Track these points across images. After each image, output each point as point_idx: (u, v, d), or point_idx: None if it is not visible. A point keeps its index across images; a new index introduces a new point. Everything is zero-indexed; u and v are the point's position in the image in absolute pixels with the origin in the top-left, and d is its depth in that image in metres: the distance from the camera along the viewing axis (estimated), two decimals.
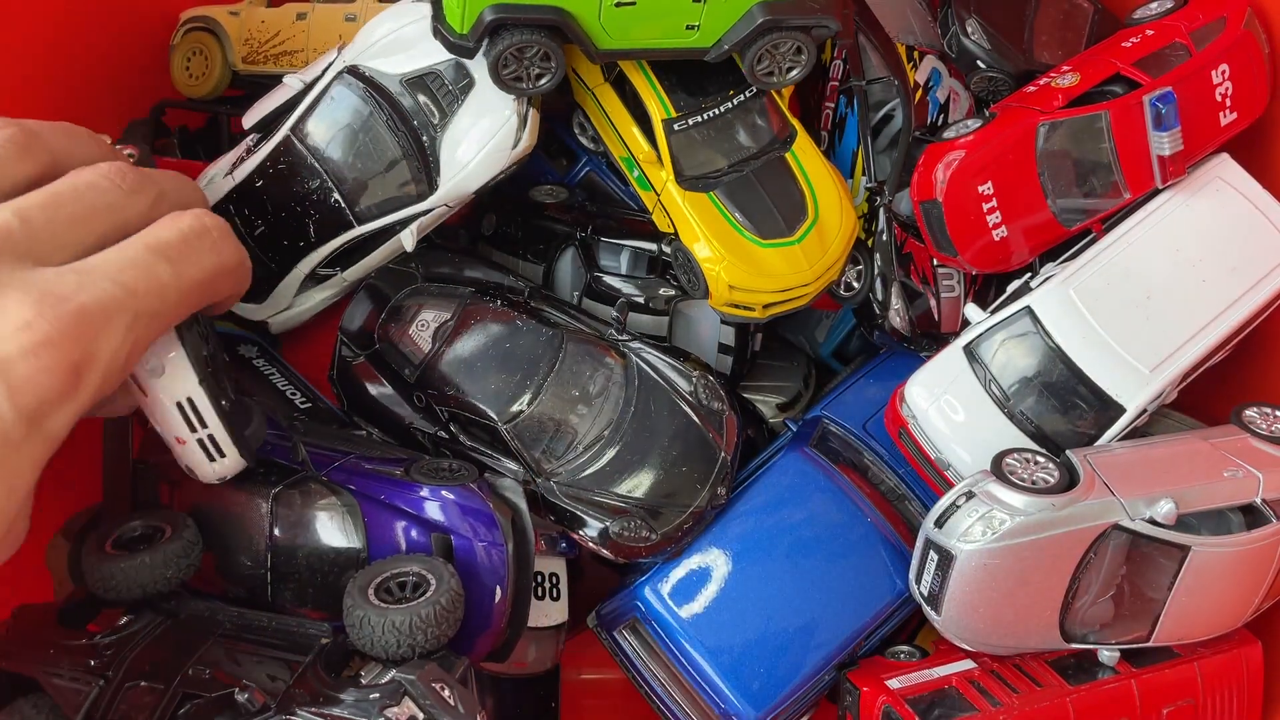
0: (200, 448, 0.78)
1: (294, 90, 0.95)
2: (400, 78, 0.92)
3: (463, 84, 0.92)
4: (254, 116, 0.97)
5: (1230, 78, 0.96)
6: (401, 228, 0.94)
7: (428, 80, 0.92)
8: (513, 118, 0.91)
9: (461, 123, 0.92)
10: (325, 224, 0.95)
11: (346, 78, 0.93)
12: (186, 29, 1.16)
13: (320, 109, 0.94)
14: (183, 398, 0.75)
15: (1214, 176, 0.97)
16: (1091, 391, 0.91)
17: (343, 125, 0.93)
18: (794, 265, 0.94)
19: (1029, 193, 0.95)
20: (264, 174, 0.96)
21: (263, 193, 0.96)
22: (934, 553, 0.86)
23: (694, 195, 0.94)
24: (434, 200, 0.93)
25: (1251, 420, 0.93)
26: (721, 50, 0.90)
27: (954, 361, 0.95)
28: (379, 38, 0.93)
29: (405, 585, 0.78)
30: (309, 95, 0.95)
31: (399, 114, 0.92)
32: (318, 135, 0.94)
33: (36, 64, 1.06)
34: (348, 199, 0.94)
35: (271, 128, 0.96)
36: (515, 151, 0.93)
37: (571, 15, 0.86)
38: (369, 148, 0.93)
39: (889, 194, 1.01)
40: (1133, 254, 0.94)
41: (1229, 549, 0.85)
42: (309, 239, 0.96)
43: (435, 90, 0.92)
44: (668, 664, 0.95)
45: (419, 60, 0.92)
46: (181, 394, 0.75)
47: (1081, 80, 0.96)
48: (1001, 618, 0.85)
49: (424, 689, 0.67)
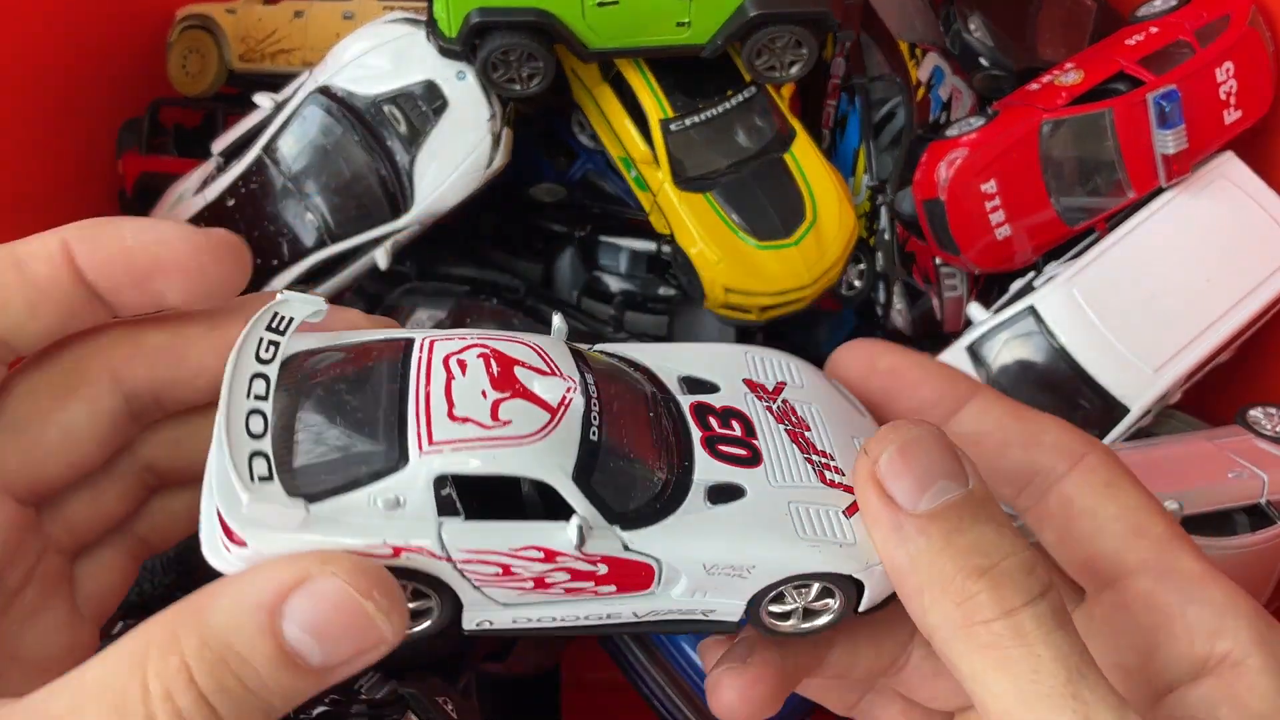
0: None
1: (266, 110, 0.95)
2: (373, 98, 0.92)
3: (436, 104, 0.92)
4: (224, 143, 0.97)
5: (1235, 75, 0.95)
6: (374, 246, 0.94)
7: (400, 100, 0.92)
8: (487, 138, 0.91)
9: (435, 142, 0.92)
10: (298, 243, 0.95)
11: (318, 97, 0.93)
12: (183, 27, 1.15)
13: (292, 128, 0.93)
14: None
15: (1219, 175, 0.97)
16: (1095, 392, 0.91)
17: (315, 145, 0.93)
18: (791, 268, 0.93)
19: (1032, 191, 0.95)
20: (235, 193, 0.96)
21: (235, 212, 0.96)
22: None
23: (691, 196, 0.94)
24: (408, 219, 0.93)
25: (1256, 421, 0.92)
26: (717, 46, 0.89)
27: (957, 362, 0.95)
28: (351, 58, 0.93)
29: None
30: (280, 115, 0.94)
31: (372, 134, 0.92)
32: (290, 155, 0.94)
33: (32, 62, 1.05)
34: (321, 218, 0.94)
35: (243, 147, 0.96)
36: (489, 171, 0.92)
37: (554, 16, 0.85)
38: (341, 167, 0.92)
39: (891, 192, 1.01)
40: (1137, 253, 0.94)
41: (1233, 550, 0.85)
42: (282, 258, 0.95)
43: (408, 110, 0.92)
44: (667, 666, 0.95)
45: (392, 81, 0.92)
46: None
47: (1085, 78, 0.95)
48: None
49: (426, 703, 0.67)
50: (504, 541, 0.38)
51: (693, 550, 0.39)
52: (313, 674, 0.35)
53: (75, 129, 1.12)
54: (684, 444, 0.42)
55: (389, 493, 0.37)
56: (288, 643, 0.34)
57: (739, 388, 0.45)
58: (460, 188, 0.92)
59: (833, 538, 0.40)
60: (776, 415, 0.44)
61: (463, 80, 0.91)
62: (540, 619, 0.41)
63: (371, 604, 0.35)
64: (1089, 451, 0.44)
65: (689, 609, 0.41)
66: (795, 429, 0.43)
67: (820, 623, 0.42)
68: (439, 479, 0.37)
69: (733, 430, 0.43)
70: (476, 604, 0.40)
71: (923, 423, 0.40)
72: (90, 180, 1.14)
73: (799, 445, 0.43)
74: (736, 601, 0.41)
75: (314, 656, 0.35)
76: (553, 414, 0.38)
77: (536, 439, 0.38)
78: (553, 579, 0.39)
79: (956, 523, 0.37)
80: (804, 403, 0.45)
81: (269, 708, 0.35)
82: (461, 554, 0.38)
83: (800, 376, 0.47)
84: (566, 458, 0.38)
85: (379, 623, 0.35)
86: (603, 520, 0.38)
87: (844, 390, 0.47)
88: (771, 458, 0.42)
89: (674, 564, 0.39)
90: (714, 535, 0.39)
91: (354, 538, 0.37)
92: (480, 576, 0.39)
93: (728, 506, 0.40)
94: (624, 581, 0.40)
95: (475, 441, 0.37)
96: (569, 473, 0.38)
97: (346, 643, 0.35)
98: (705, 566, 0.39)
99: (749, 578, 0.40)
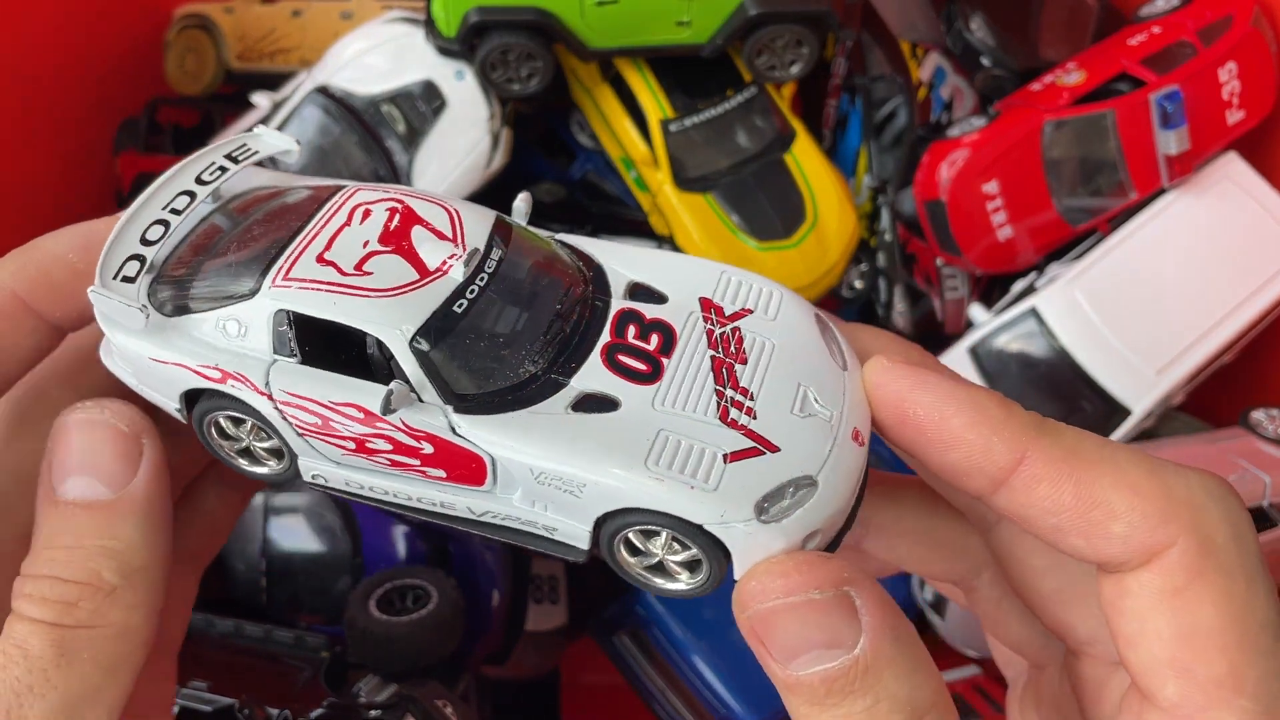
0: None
1: (264, 110, 0.95)
2: (371, 97, 0.92)
3: (435, 104, 0.92)
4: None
5: (1238, 76, 0.94)
6: None
7: (399, 100, 0.92)
8: (486, 137, 0.91)
9: (434, 143, 0.91)
10: None
11: (316, 97, 0.92)
12: (181, 26, 1.15)
13: (290, 128, 0.93)
14: None
15: (1221, 176, 0.96)
16: (1097, 394, 0.90)
17: (313, 145, 0.93)
18: (791, 269, 0.93)
19: (1034, 192, 0.94)
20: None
21: None
22: None
23: (690, 197, 0.93)
24: None
25: (1258, 423, 0.92)
26: (717, 45, 0.89)
27: (959, 363, 0.94)
28: (349, 57, 0.93)
29: (406, 597, 0.77)
30: (278, 114, 0.94)
31: (370, 133, 0.92)
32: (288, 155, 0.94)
33: (31, 61, 1.05)
34: None
35: None
36: (489, 170, 0.92)
37: (553, 15, 0.85)
38: (340, 166, 0.92)
39: (892, 193, 1.00)
40: (1139, 254, 0.93)
41: None
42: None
43: (407, 110, 0.92)
44: (667, 669, 0.94)
45: (390, 80, 0.92)
46: None
47: (1087, 78, 0.95)
48: None
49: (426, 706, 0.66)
50: (326, 392, 0.37)
51: (522, 451, 0.36)
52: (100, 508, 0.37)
53: (73, 128, 1.12)
54: (581, 346, 0.38)
55: (233, 320, 0.38)
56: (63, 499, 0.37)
57: (689, 305, 0.40)
58: (459, 187, 0.92)
59: (687, 477, 0.34)
60: (712, 340, 0.39)
61: (461, 80, 0.91)
62: (371, 489, 0.40)
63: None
64: (1172, 543, 0.33)
65: (530, 521, 0.38)
66: (725, 358, 0.38)
67: (671, 586, 0.37)
68: (279, 314, 0.37)
69: (646, 344, 0.39)
70: (306, 453, 0.39)
71: (826, 565, 0.33)
72: (88, 179, 1.14)
73: (717, 375, 0.38)
74: (579, 525, 0.37)
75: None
76: (422, 276, 0.37)
77: (388, 295, 0.37)
78: (374, 445, 0.38)
79: (824, 696, 0.32)
80: (760, 334, 0.39)
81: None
82: (283, 395, 0.37)
83: (777, 309, 0.41)
84: (411, 321, 0.36)
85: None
86: (435, 395, 0.36)
87: (834, 334, 0.41)
88: (673, 379, 0.37)
89: (505, 463, 0.37)
90: (548, 441, 0.36)
91: (188, 357, 0.38)
92: (301, 424, 0.38)
93: (587, 416, 0.36)
94: (453, 470, 0.37)
95: (324, 285, 0.37)
96: (407, 336, 0.36)
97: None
98: (533, 472, 0.36)
99: (581, 498, 0.36)
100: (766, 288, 0.41)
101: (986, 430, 0.34)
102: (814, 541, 0.35)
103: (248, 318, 0.37)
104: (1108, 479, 0.33)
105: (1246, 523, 0.33)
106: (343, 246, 0.38)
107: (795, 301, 0.41)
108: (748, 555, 0.34)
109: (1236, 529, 0.33)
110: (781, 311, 0.41)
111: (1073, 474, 0.33)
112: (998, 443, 0.34)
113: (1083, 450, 0.34)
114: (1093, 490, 0.33)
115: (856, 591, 0.32)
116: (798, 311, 0.41)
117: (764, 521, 0.34)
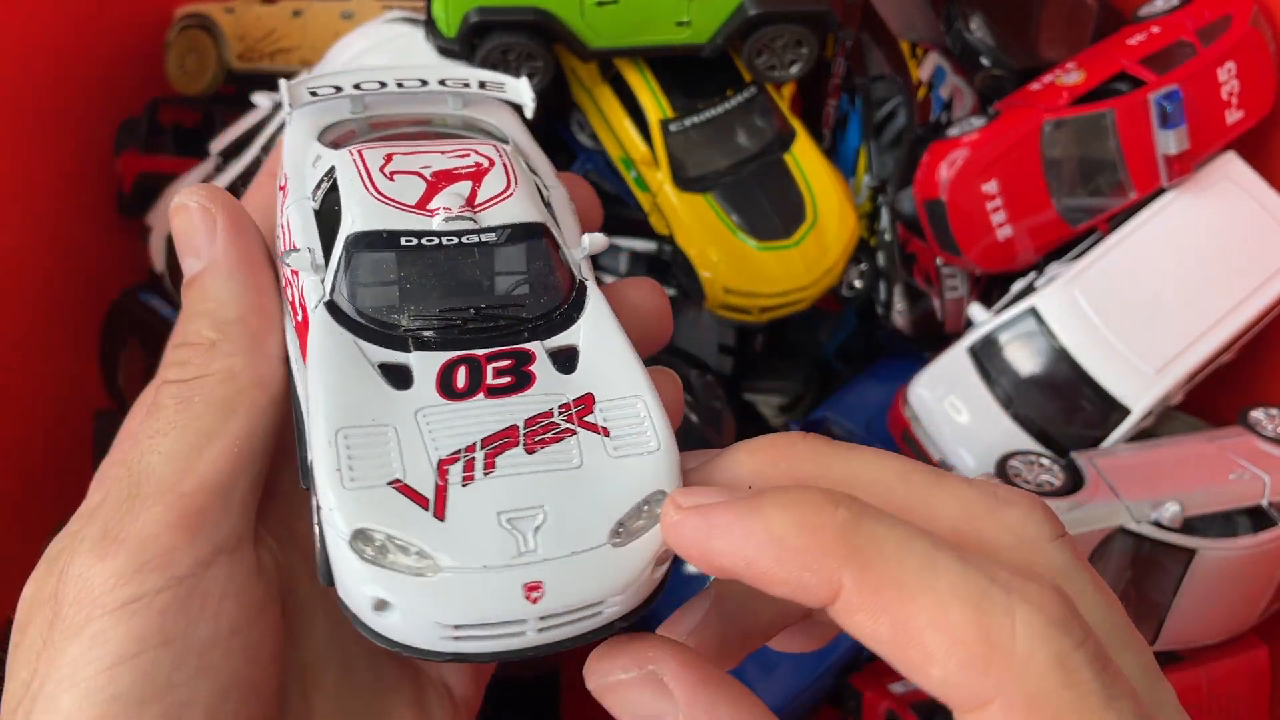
0: None
1: (264, 110, 0.94)
2: None
3: None
4: (223, 142, 0.96)
5: (1237, 76, 0.95)
6: None
7: None
8: None
9: None
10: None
11: None
12: (181, 26, 1.15)
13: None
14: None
15: (1221, 175, 0.96)
16: (1097, 393, 0.91)
17: None
18: (791, 269, 0.93)
19: (1034, 191, 0.95)
20: (234, 193, 0.95)
21: None
22: None
23: (690, 197, 0.94)
24: None
25: (1258, 422, 0.92)
26: (717, 45, 0.89)
27: (958, 363, 0.94)
28: (349, 58, 0.92)
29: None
30: (279, 114, 0.94)
31: None
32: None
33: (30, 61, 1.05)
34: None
35: (241, 147, 0.95)
36: None
37: (553, 15, 0.85)
38: None
39: (892, 193, 1.00)
40: (1139, 254, 0.94)
41: (1235, 552, 0.85)
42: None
43: None
44: None
45: None
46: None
47: (1087, 78, 0.95)
48: None
49: None
50: (305, 240, 0.44)
51: (310, 370, 0.39)
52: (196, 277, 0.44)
53: (73, 128, 1.12)
54: (453, 345, 0.39)
55: (320, 157, 0.48)
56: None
57: (582, 388, 0.39)
58: None
59: (344, 471, 0.35)
60: (538, 420, 0.37)
61: None
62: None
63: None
64: (991, 699, 0.28)
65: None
66: (522, 436, 0.37)
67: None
68: (330, 170, 0.46)
69: (490, 377, 0.38)
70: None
71: (629, 646, 0.36)
72: (88, 179, 1.14)
73: (491, 436, 0.36)
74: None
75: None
76: (416, 206, 0.41)
77: (381, 200, 0.42)
78: (290, 295, 0.43)
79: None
80: (579, 454, 0.37)
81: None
82: (283, 220, 0.48)
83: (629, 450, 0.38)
84: (366, 223, 0.41)
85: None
86: (328, 283, 0.41)
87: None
88: (458, 410, 0.37)
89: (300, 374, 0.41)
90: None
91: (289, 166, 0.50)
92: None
93: (382, 383, 0.38)
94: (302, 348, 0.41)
95: (365, 169, 0.43)
96: (351, 228, 0.41)
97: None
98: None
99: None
100: (650, 429, 0.38)
101: (796, 567, 0.31)
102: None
103: (325, 159, 0.46)
104: (925, 616, 0.29)
105: (1087, 655, 0.29)
106: (409, 162, 0.44)
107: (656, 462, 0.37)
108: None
109: (1069, 674, 0.28)
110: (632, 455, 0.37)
111: (888, 609, 0.30)
112: (809, 577, 0.31)
113: (902, 578, 0.30)
114: (908, 628, 0.29)
115: (661, 669, 0.35)
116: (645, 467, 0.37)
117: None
